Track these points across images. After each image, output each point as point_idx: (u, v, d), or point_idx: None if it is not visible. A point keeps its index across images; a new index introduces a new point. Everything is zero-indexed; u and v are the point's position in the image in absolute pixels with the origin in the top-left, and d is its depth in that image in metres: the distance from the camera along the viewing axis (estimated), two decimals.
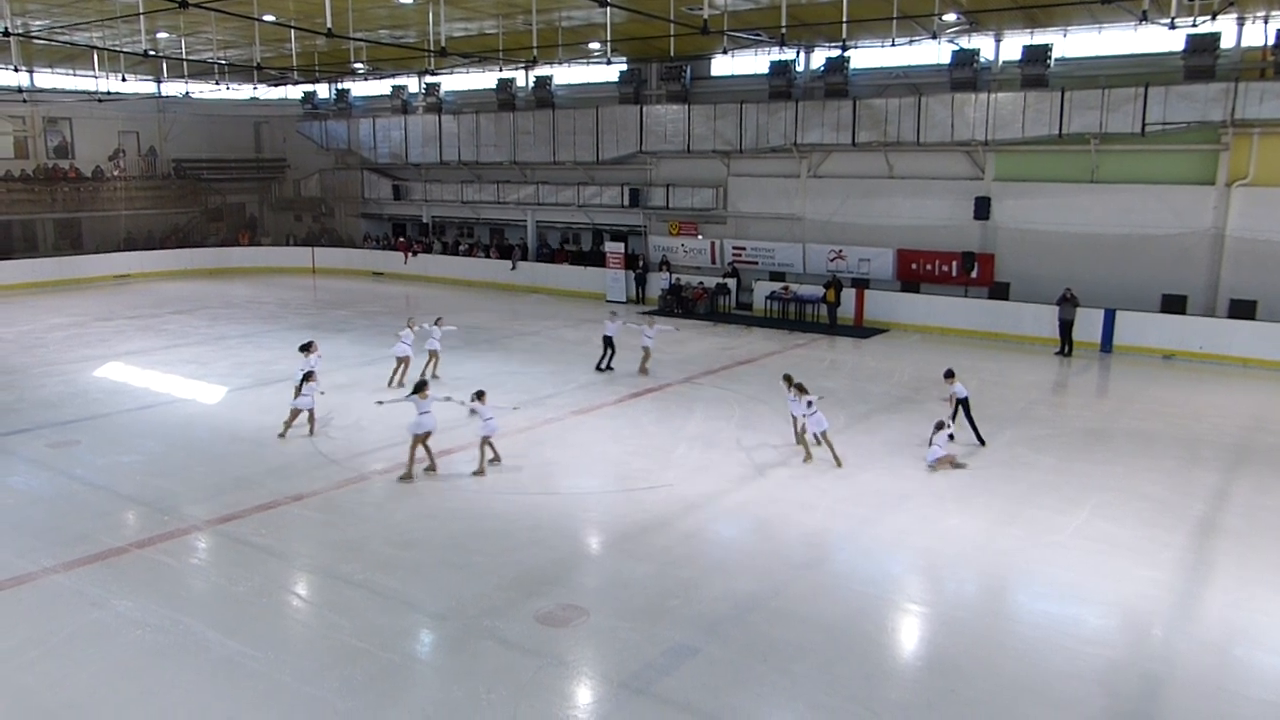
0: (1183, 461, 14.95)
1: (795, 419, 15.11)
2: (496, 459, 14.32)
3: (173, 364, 21.53)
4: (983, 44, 25.40)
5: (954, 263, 26.06)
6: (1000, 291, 25.67)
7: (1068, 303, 22.97)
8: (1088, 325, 23.24)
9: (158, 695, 8.36)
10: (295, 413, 15.82)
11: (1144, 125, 22.51)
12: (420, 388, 14.05)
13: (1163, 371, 21.65)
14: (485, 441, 14.08)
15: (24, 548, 11.33)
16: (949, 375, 16.02)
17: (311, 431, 15.86)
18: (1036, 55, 23.96)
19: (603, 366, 20.59)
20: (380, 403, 15.47)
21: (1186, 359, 22.41)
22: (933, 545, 11.70)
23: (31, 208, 35.92)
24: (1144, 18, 18.03)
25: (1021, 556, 11.43)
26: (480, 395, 14.12)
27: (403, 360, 19.12)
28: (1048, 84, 23.92)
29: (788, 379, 15.08)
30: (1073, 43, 24.47)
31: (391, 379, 19.14)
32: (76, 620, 9.62)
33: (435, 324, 19.81)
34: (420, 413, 13.71)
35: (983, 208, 25.58)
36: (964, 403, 15.67)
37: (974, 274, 25.74)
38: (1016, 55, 24.49)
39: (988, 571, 11.13)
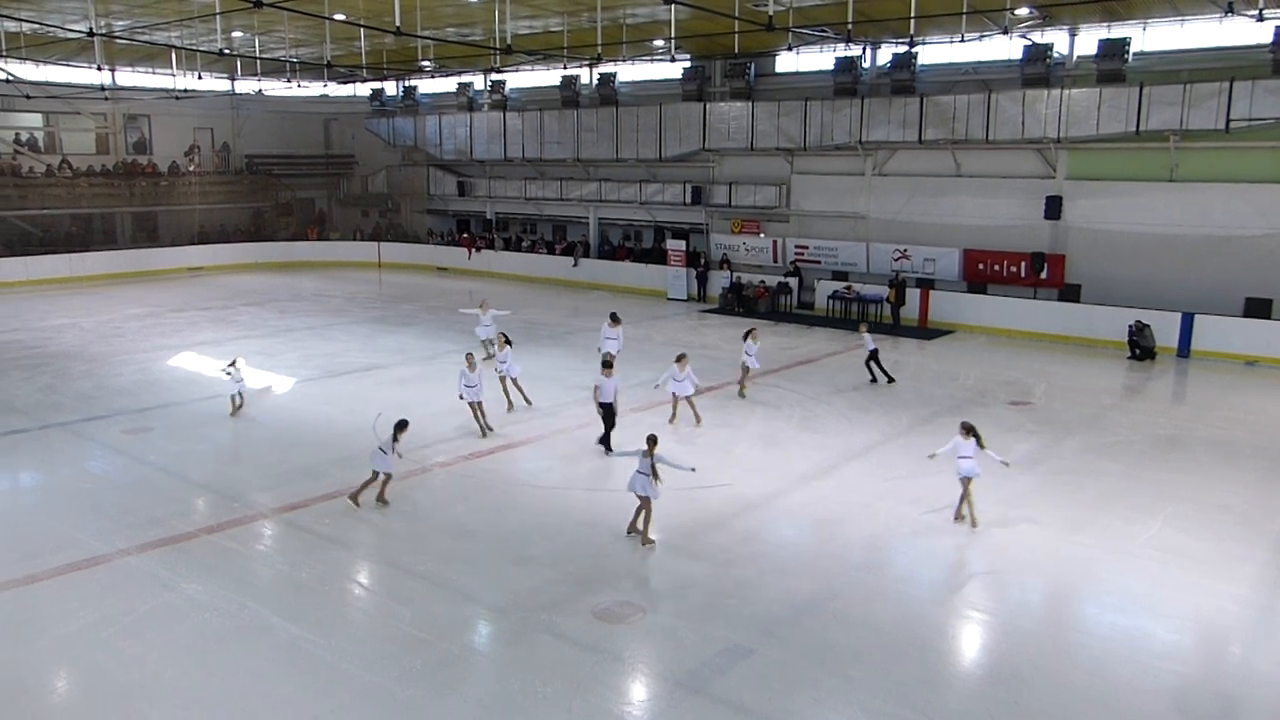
0: (1265, 473, 14.36)
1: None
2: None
3: (243, 355, 21.99)
4: (1056, 39, 24.72)
5: (1023, 263, 25.45)
6: (1071, 293, 24.99)
7: (1141, 334, 22.25)
8: (1164, 330, 22.49)
9: (224, 677, 8.56)
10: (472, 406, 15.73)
11: (1228, 121, 21.70)
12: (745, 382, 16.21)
13: (1245, 378, 20.86)
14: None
15: (100, 530, 11.71)
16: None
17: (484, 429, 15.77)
18: (1114, 49, 23.26)
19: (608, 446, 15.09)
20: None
21: (1271, 365, 21.54)
22: (997, 551, 11.44)
23: (111, 201, 37.15)
24: (1230, 9, 17.43)
25: (1090, 566, 11.11)
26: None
27: (486, 342, 19.67)
28: (1125, 79, 23.22)
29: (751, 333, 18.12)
30: (1152, 36, 23.69)
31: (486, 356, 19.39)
32: (148, 601, 9.90)
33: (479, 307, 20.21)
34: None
35: (1054, 207, 24.93)
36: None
37: (1043, 275, 25.12)
38: (1092, 50, 23.78)
39: (1054, 580, 10.84)
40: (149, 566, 10.74)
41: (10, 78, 32.17)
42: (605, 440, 14.85)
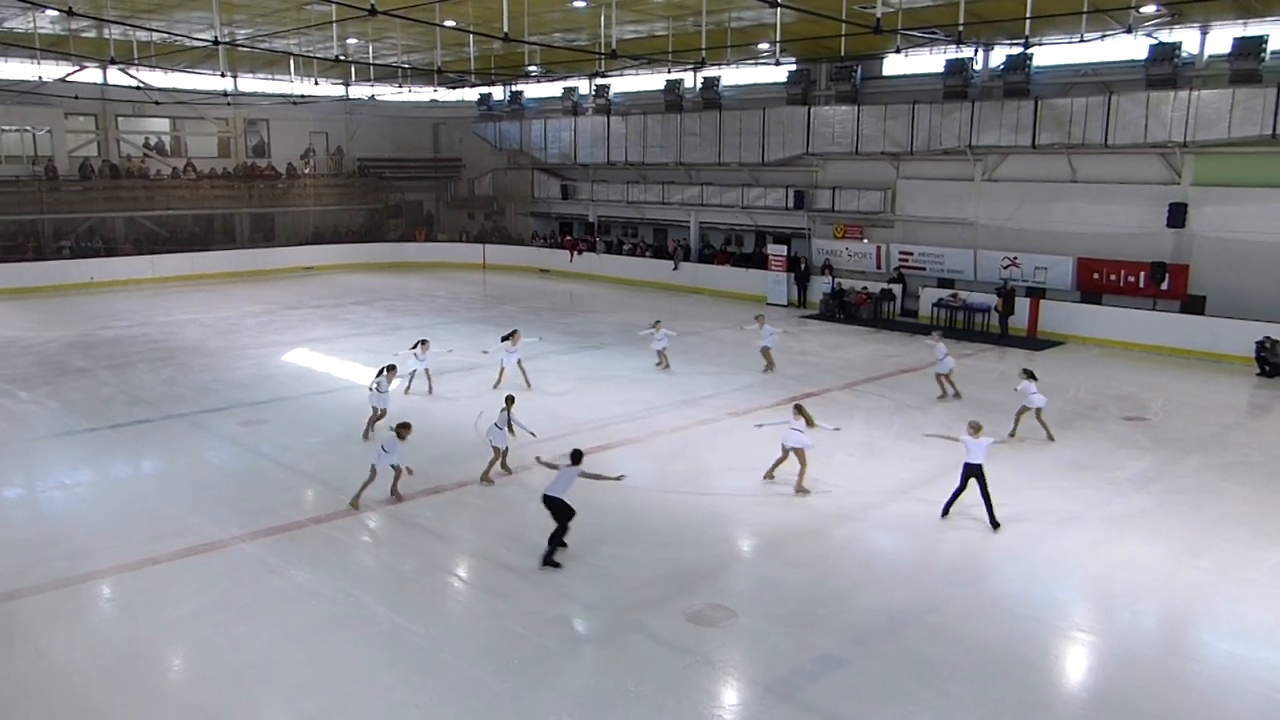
0: None
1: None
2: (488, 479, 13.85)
3: (352, 352, 22.83)
4: (1185, 37, 23.53)
5: (1142, 273, 24.34)
6: (1195, 305, 23.76)
7: (1272, 349, 21.05)
8: None
9: (329, 663, 8.88)
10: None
11: None
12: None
13: None
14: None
15: (216, 517, 12.28)
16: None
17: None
18: (1249, 48, 21.96)
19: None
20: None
21: None
22: (1105, 572, 10.98)
23: (231, 203, 38.90)
24: None
25: (1208, 591, 10.57)
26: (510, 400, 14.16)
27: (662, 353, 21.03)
28: (1261, 79, 21.89)
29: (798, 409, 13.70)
30: None
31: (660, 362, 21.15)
32: (259, 587, 10.35)
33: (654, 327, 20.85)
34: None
35: (1177, 215, 23.74)
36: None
37: (1164, 285, 23.97)
38: (1225, 48, 22.54)
39: (1168, 604, 10.35)
40: (260, 553, 11.22)
41: (141, 85, 34.03)
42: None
